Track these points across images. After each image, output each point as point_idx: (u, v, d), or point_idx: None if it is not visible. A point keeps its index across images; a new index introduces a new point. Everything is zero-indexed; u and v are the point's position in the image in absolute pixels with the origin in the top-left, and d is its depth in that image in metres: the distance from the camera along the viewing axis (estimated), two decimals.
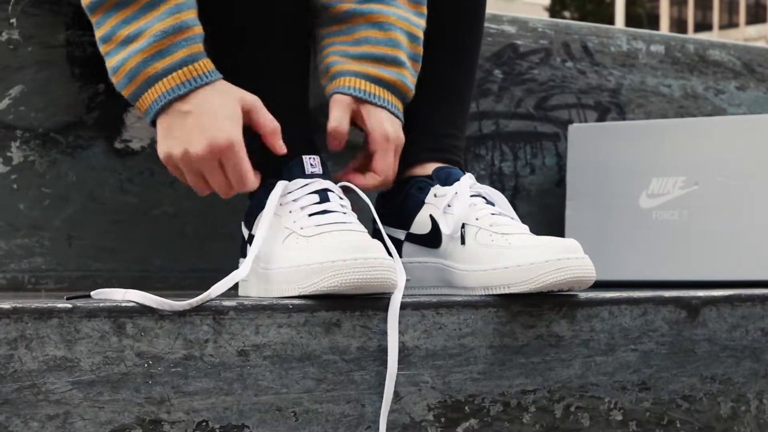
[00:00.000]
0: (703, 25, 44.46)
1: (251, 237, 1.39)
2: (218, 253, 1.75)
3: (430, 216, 1.44)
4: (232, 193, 1.37)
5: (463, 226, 1.40)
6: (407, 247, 1.46)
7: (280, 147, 1.36)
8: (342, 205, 1.35)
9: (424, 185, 1.47)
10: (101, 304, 1.13)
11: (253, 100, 1.35)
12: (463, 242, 1.39)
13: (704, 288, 1.53)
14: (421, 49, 1.50)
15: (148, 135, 1.72)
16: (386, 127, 1.45)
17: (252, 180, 1.35)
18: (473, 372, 1.29)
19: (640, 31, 2.23)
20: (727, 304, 1.49)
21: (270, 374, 1.18)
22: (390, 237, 1.45)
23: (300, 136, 1.41)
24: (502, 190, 2.01)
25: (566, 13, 35.92)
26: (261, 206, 1.37)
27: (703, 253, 1.86)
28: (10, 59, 1.66)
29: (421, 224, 1.45)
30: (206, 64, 1.34)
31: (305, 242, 1.28)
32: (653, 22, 42.69)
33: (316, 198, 1.34)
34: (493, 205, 1.43)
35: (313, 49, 1.52)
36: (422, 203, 1.46)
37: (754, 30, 42.36)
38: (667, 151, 1.91)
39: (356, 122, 1.47)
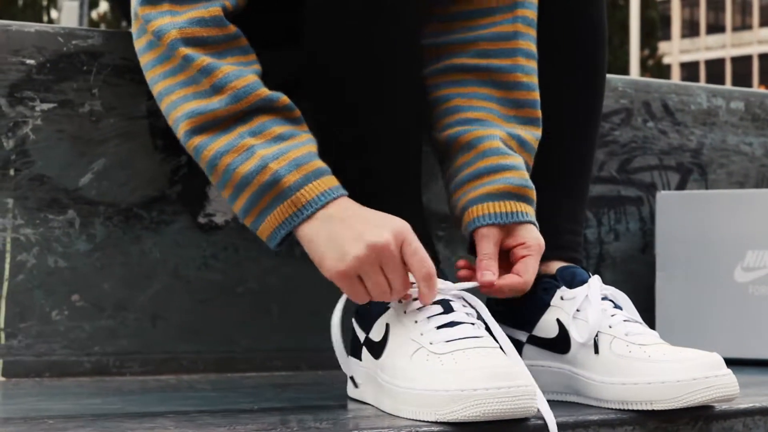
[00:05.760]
0: (715, 27, 43.36)
1: (368, 339, 1.32)
2: (304, 331, 1.69)
3: (557, 320, 1.36)
4: (391, 298, 1.27)
5: (596, 333, 1.32)
6: (528, 349, 1.39)
7: (427, 296, 1.25)
8: (467, 314, 1.27)
9: (549, 286, 1.39)
10: None
11: (404, 229, 1.25)
12: (596, 351, 1.31)
13: None
14: (531, 158, 1.43)
15: (231, 209, 1.65)
16: (538, 236, 1.38)
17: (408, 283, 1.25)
18: None
19: (719, 87, 2.16)
20: None
21: None
22: (510, 338, 1.38)
23: (416, 226, 1.33)
24: (587, 258, 1.95)
25: None
26: (381, 308, 1.30)
27: None
28: (92, 132, 1.60)
29: (546, 327, 1.37)
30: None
31: (437, 361, 1.20)
32: (665, 24, 41.82)
33: (439, 308, 1.26)
34: (621, 309, 1.36)
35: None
36: (547, 305, 1.38)
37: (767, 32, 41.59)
38: (762, 222, 1.84)
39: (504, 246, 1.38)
